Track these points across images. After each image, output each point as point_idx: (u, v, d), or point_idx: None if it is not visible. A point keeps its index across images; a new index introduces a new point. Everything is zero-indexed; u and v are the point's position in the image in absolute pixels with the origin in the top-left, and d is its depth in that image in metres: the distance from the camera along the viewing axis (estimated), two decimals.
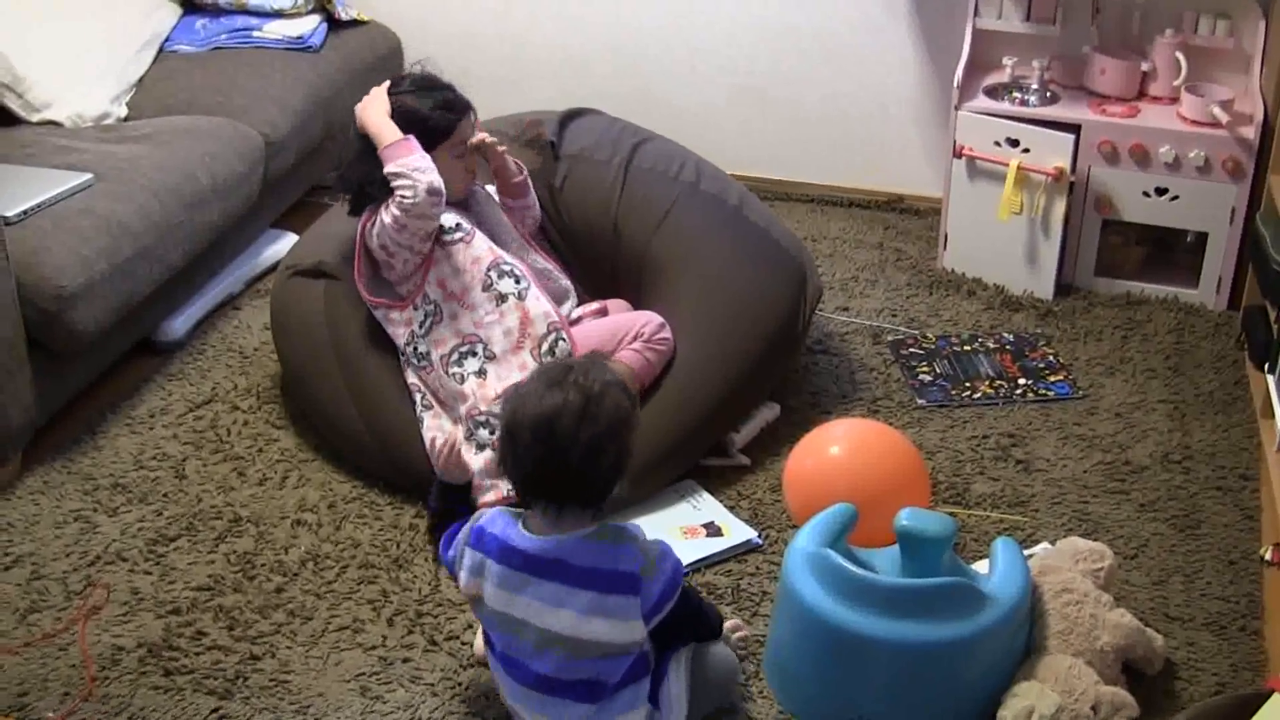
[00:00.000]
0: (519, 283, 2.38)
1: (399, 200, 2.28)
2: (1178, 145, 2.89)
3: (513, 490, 1.80)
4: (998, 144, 2.98)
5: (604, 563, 1.71)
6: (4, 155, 2.76)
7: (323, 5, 3.49)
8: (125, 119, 3.07)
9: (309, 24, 3.43)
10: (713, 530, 2.26)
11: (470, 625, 2.06)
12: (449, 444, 2.06)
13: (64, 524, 2.31)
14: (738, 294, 2.48)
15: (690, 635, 1.84)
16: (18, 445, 2.43)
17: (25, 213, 2.50)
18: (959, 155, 3.04)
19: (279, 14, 3.43)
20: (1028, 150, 2.94)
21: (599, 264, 2.67)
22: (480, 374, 2.33)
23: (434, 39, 3.61)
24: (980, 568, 1.99)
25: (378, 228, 2.34)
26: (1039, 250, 3.02)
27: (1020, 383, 2.72)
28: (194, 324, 2.92)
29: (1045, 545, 2.20)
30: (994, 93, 3.09)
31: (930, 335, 2.90)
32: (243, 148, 2.96)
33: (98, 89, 3.08)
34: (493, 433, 2.25)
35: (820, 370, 2.75)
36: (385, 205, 2.32)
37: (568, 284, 2.56)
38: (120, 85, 3.14)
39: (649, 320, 2.41)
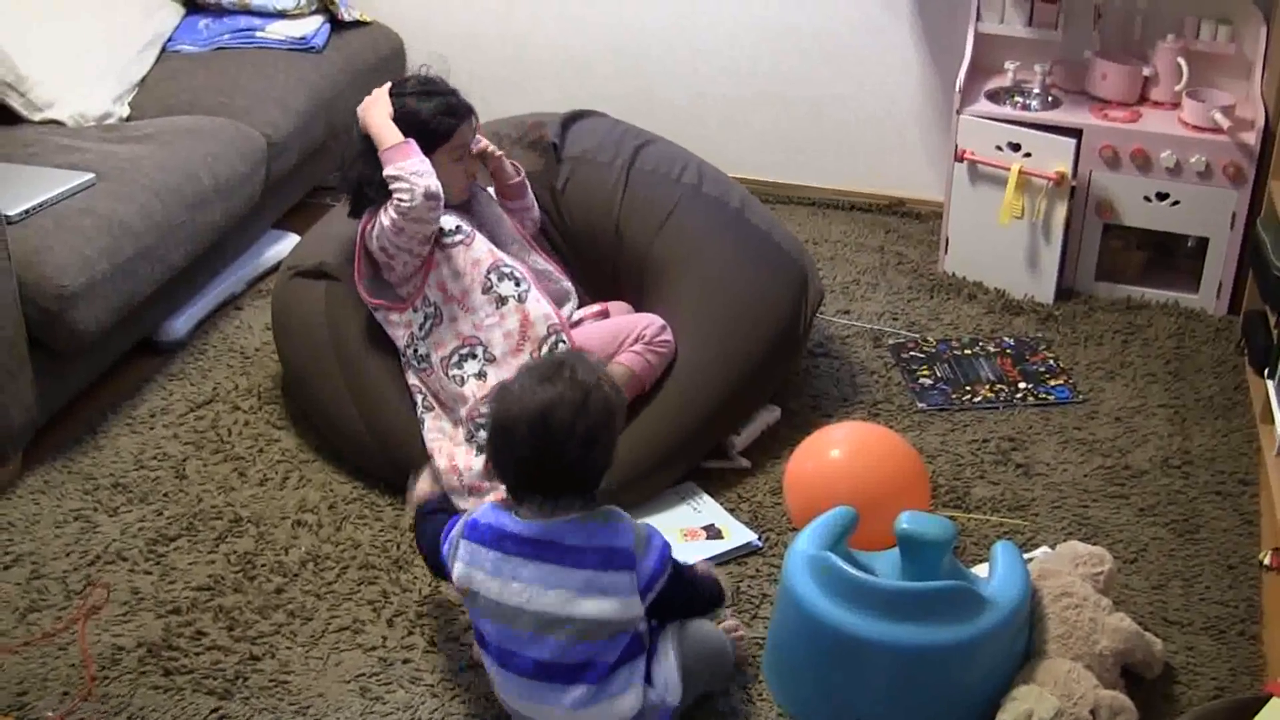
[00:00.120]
0: (519, 285, 2.38)
1: (396, 203, 2.28)
2: (1179, 150, 2.90)
3: (505, 487, 1.84)
4: (999, 148, 2.98)
5: (597, 541, 1.76)
6: (6, 154, 2.76)
7: (325, 6, 3.49)
8: (127, 119, 3.07)
9: (312, 24, 3.43)
10: (713, 532, 2.27)
11: (470, 627, 2.06)
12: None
13: (64, 523, 2.31)
14: (739, 296, 2.48)
15: (684, 610, 1.88)
16: (18, 444, 2.44)
17: (27, 212, 2.50)
18: (960, 159, 3.04)
19: (282, 14, 3.43)
20: (1029, 154, 2.94)
21: (600, 266, 2.67)
22: (480, 376, 2.33)
23: (436, 40, 3.62)
24: (980, 571, 1.99)
25: (377, 230, 2.34)
26: (1040, 254, 3.02)
27: (1020, 387, 2.72)
28: (195, 324, 2.92)
29: (1045, 549, 2.20)
30: (996, 97, 3.09)
31: (931, 339, 2.90)
32: (245, 148, 2.97)
33: (100, 88, 3.08)
34: None
35: (821, 373, 2.75)
36: (384, 208, 2.32)
37: (568, 286, 2.56)
38: (122, 85, 3.14)
39: (650, 322, 2.41)
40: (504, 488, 1.90)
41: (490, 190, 2.58)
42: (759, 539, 2.26)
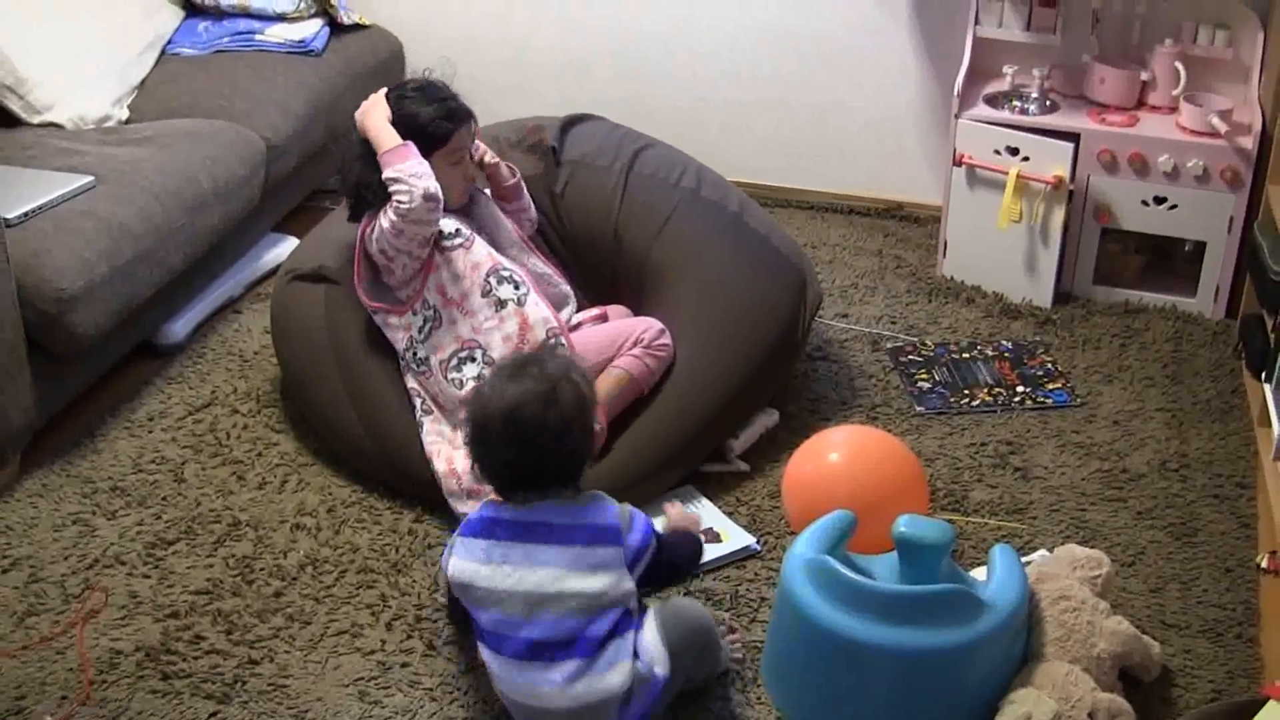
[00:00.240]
0: (518, 288, 2.39)
1: (396, 205, 2.28)
2: (1176, 154, 2.90)
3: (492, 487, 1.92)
4: (997, 152, 2.99)
5: (584, 519, 1.85)
6: (5, 157, 2.76)
7: (325, 9, 3.50)
8: (127, 121, 3.07)
9: (311, 28, 3.43)
10: (711, 536, 2.27)
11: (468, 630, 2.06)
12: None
13: (62, 527, 2.31)
14: (738, 300, 2.48)
15: (668, 573, 1.96)
16: (17, 447, 2.44)
17: (26, 215, 2.50)
18: (959, 163, 3.05)
19: (281, 17, 3.43)
20: (1027, 159, 2.95)
21: (599, 270, 2.68)
22: (480, 379, 2.33)
23: (436, 43, 3.62)
24: (978, 574, 1.99)
25: (376, 232, 2.34)
26: (1038, 258, 3.02)
27: (1019, 390, 2.72)
28: (194, 327, 2.92)
29: (1043, 552, 2.20)
30: (994, 101, 3.09)
31: (929, 342, 2.90)
32: (244, 151, 2.97)
33: (99, 91, 3.08)
34: None
35: (819, 377, 2.75)
36: (384, 210, 2.33)
37: (567, 289, 2.56)
38: (122, 88, 3.14)
39: (649, 326, 2.42)
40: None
41: (488, 192, 2.59)
42: (757, 542, 2.26)
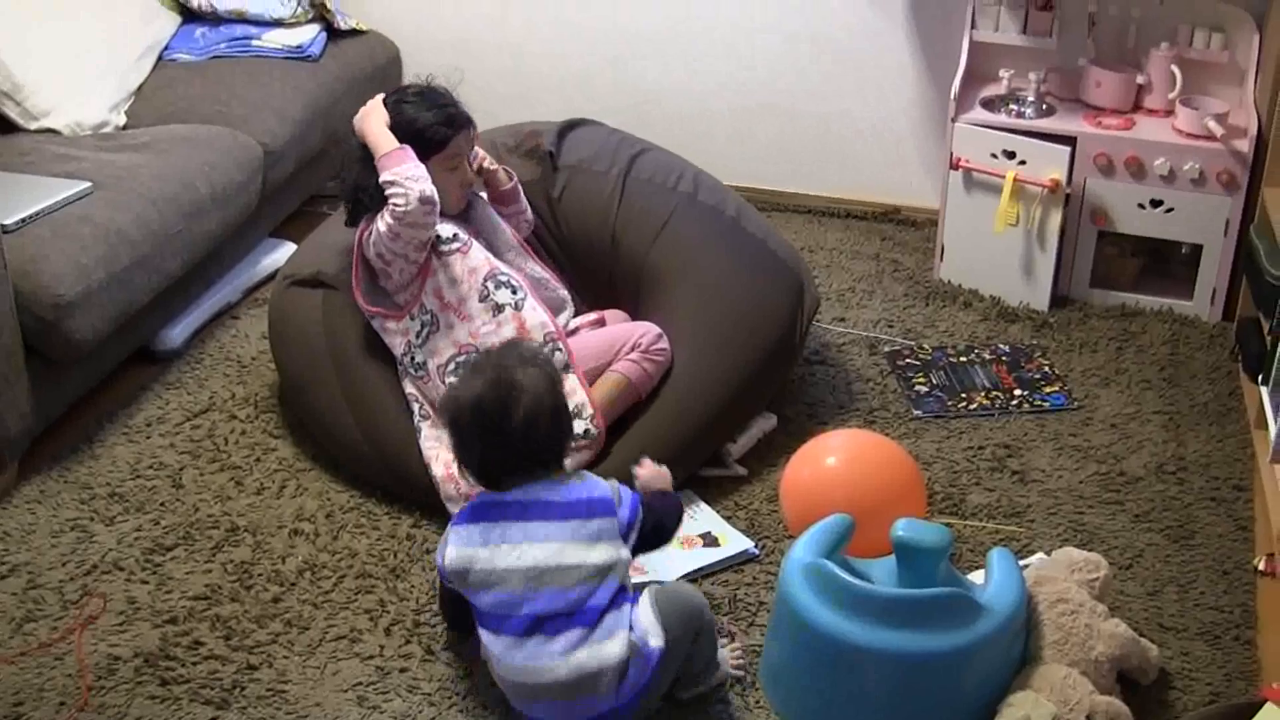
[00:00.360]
0: (516, 293, 2.39)
1: (392, 208, 2.29)
2: (1173, 158, 2.91)
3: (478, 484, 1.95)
4: (994, 156, 2.99)
5: (577, 494, 1.90)
6: (2, 163, 2.76)
7: (322, 15, 3.50)
8: (124, 127, 3.07)
9: (308, 33, 3.44)
10: (709, 540, 2.27)
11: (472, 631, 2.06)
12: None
13: (60, 533, 2.31)
14: (735, 304, 2.49)
15: (657, 536, 1.98)
16: (14, 454, 2.44)
17: (23, 221, 2.50)
18: (955, 167, 3.05)
19: (278, 23, 3.44)
20: (1024, 162, 2.95)
21: (597, 274, 2.68)
22: None
23: (432, 49, 3.62)
24: (976, 578, 1.99)
25: (373, 236, 2.35)
26: (1035, 262, 3.03)
27: (1016, 394, 2.73)
28: (192, 333, 2.92)
29: (1040, 555, 2.20)
30: (990, 105, 3.10)
31: (926, 346, 2.91)
32: (241, 157, 2.97)
33: (96, 97, 3.08)
34: None
35: (817, 381, 2.76)
36: (381, 214, 2.33)
37: (565, 294, 2.56)
38: (119, 93, 3.14)
39: (646, 331, 2.42)
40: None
41: (485, 196, 2.59)
42: (756, 547, 2.26)
